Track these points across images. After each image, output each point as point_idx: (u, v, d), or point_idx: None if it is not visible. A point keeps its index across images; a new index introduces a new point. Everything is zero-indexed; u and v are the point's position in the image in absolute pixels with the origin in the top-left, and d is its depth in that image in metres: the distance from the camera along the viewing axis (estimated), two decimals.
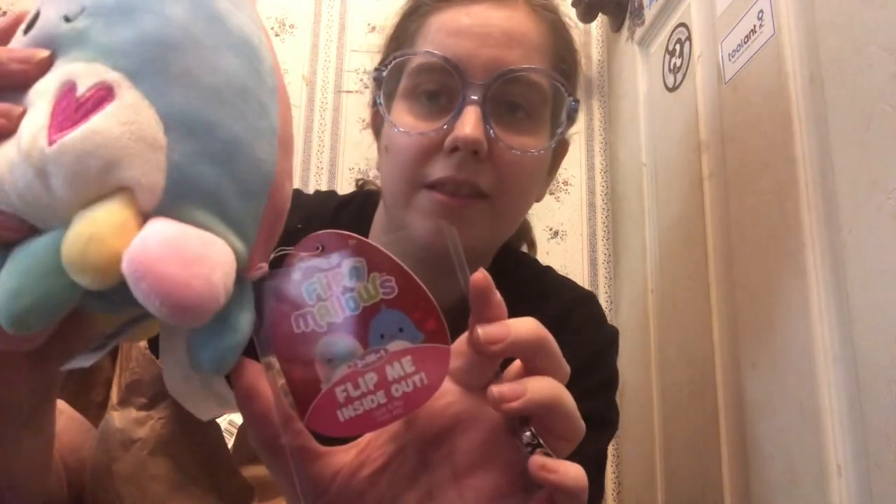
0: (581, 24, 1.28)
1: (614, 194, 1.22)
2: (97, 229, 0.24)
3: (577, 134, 1.29)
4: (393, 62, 0.59)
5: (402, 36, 0.62)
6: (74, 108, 0.25)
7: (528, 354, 0.31)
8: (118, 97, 0.25)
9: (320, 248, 0.30)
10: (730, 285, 0.76)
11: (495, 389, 0.30)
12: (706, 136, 0.84)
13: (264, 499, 0.48)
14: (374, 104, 0.62)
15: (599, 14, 1.21)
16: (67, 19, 0.27)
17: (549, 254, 1.21)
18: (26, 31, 0.28)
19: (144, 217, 0.25)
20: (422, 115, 0.57)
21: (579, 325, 0.68)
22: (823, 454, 0.58)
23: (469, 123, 0.53)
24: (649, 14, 1.05)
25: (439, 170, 0.55)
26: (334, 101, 1.26)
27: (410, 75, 0.58)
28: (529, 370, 0.32)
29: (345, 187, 1.17)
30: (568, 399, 0.31)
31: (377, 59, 0.67)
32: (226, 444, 0.48)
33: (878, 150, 0.54)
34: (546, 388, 0.31)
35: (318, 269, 0.29)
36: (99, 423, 0.49)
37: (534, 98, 0.58)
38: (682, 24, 0.94)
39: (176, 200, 0.25)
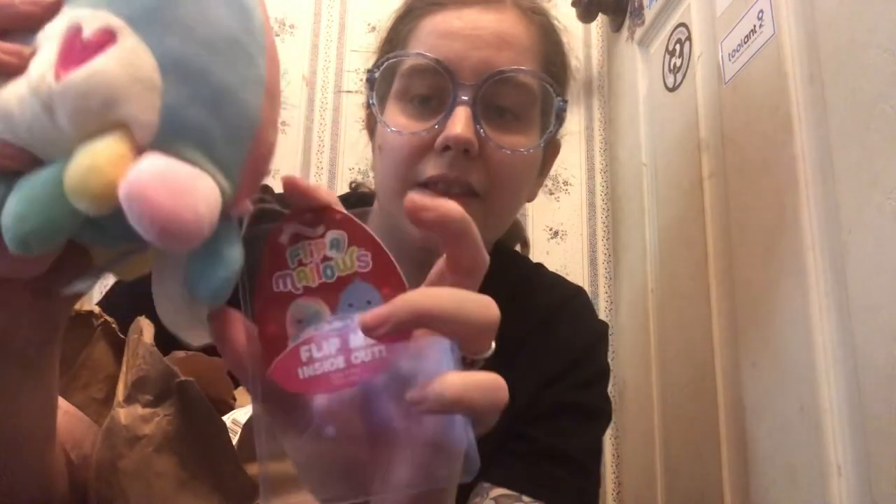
0: (580, 24, 1.28)
1: (614, 194, 1.22)
2: (96, 160, 0.26)
3: (577, 134, 1.29)
4: (385, 63, 0.60)
5: (394, 38, 0.64)
6: (80, 48, 0.27)
7: (450, 234, 0.32)
8: (120, 41, 0.27)
9: (309, 217, 0.32)
10: (730, 285, 0.76)
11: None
12: (706, 136, 0.84)
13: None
14: (368, 105, 0.63)
15: (599, 14, 1.21)
16: None
17: (549, 254, 1.21)
18: None
19: (139, 152, 0.27)
20: (414, 115, 0.58)
21: (571, 319, 0.70)
22: (823, 454, 0.58)
23: (460, 123, 0.55)
24: (649, 14, 1.05)
25: (431, 168, 0.57)
26: (334, 101, 1.26)
27: (402, 77, 0.60)
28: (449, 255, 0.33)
29: (345, 187, 1.17)
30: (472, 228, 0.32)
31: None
32: (231, 442, 0.49)
33: (878, 150, 0.55)
34: (457, 208, 0.32)
35: (303, 237, 0.32)
36: (99, 420, 0.49)
37: (523, 99, 0.59)
38: (682, 24, 0.94)
39: (168, 138, 0.28)
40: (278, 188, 0.36)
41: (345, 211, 0.32)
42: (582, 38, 1.34)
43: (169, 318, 0.32)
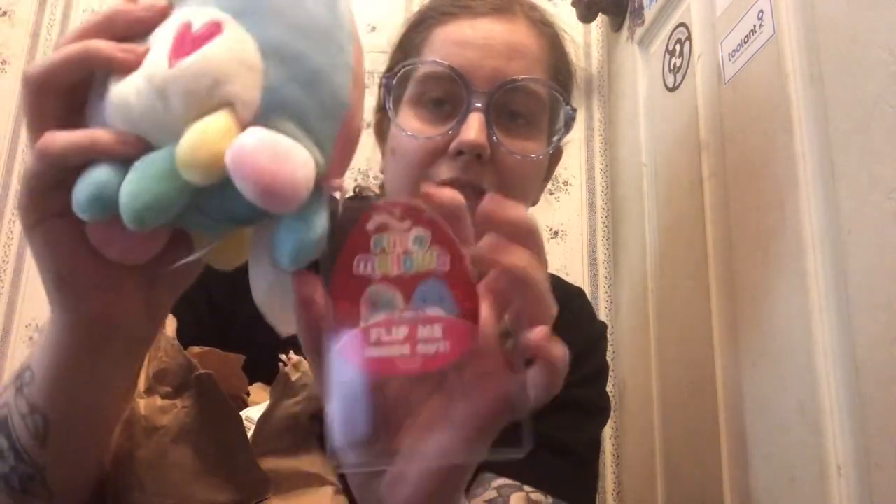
0: (580, 24, 1.28)
1: (614, 194, 1.22)
2: (205, 133, 0.30)
3: (577, 134, 1.29)
4: (402, 70, 0.62)
5: (407, 46, 0.66)
6: (190, 40, 0.31)
7: (518, 236, 0.34)
8: (225, 31, 0.31)
9: (398, 211, 0.34)
10: (730, 285, 0.76)
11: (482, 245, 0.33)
12: (706, 136, 0.84)
13: (279, 491, 0.49)
14: (380, 109, 0.66)
15: (599, 14, 1.21)
16: None
17: (549, 254, 1.20)
18: None
19: (243, 127, 0.30)
20: (428, 119, 0.61)
21: (573, 318, 0.72)
22: (823, 454, 0.58)
23: (474, 129, 0.57)
24: (649, 14, 1.05)
25: (445, 171, 0.59)
26: None
27: (417, 83, 0.62)
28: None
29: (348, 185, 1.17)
30: (541, 278, 0.34)
31: (378, 59, 0.70)
32: (246, 436, 0.50)
33: (878, 150, 0.55)
34: (524, 258, 0.33)
35: (390, 227, 0.34)
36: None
37: (533, 106, 0.62)
38: (682, 24, 0.94)
39: (269, 114, 0.31)
40: None
41: (433, 213, 0.34)
42: (582, 38, 1.34)
43: (262, 299, 0.35)
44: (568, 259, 1.21)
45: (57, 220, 0.33)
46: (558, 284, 0.76)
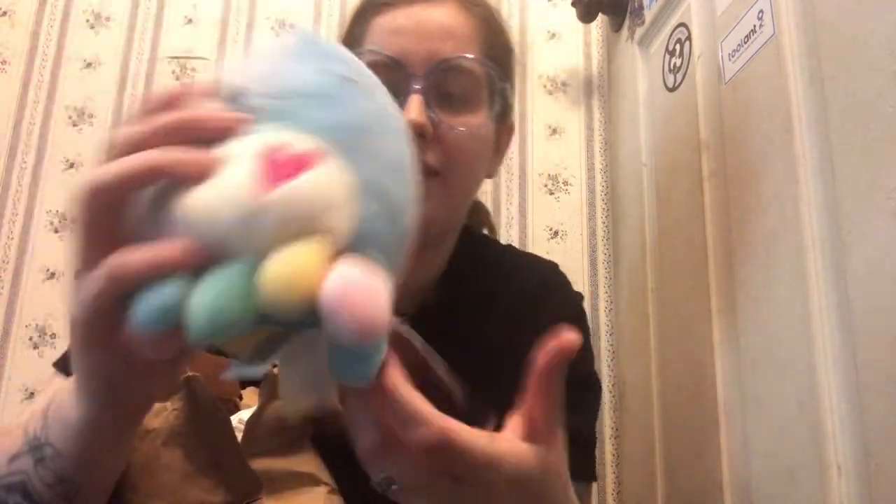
0: (580, 24, 1.28)
1: (614, 194, 1.22)
2: (300, 266, 0.29)
3: (577, 134, 1.29)
4: None
5: (351, 40, 0.70)
6: (287, 164, 0.31)
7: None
8: (327, 161, 0.32)
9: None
10: (730, 285, 0.76)
11: None
12: (706, 136, 0.84)
13: (273, 492, 0.49)
14: None
15: (599, 14, 1.21)
16: (269, 97, 0.33)
17: (549, 254, 1.20)
18: (223, 99, 0.34)
19: (334, 255, 0.31)
20: None
21: (557, 290, 0.76)
22: (823, 454, 0.58)
23: (413, 110, 0.60)
24: (649, 14, 1.05)
25: None
26: None
27: None
28: None
29: None
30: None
31: None
32: (236, 438, 0.50)
33: (878, 150, 0.55)
34: None
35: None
36: None
37: (469, 83, 0.65)
38: (682, 24, 0.94)
39: (359, 245, 0.32)
40: None
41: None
42: (582, 38, 1.34)
43: (289, 394, 0.36)
44: (568, 259, 1.21)
45: (114, 332, 0.33)
46: (532, 264, 0.80)
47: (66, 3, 1.33)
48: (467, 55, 0.64)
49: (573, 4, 1.21)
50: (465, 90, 0.65)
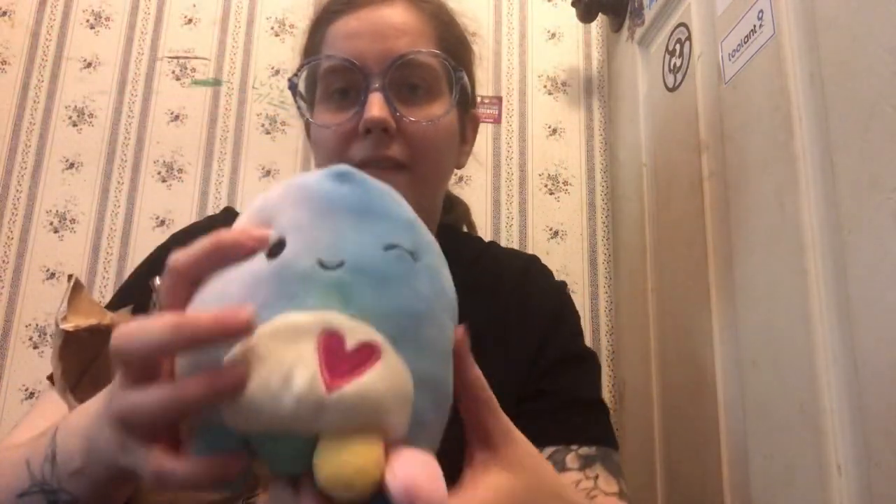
0: (580, 24, 1.28)
1: (614, 194, 1.22)
2: (362, 463, 0.30)
3: (577, 134, 1.29)
4: (302, 69, 0.70)
5: (310, 48, 0.73)
6: (346, 359, 0.31)
7: None
8: (383, 358, 0.31)
9: None
10: (730, 285, 0.76)
11: None
12: (706, 136, 0.84)
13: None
14: (298, 109, 0.73)
15: (599, 14, 1.21)
16: (324, 265, 0.32)
17: (549, 254, 1.21)
18: (270, 254, 0.33)
19: (388, 446, 0.32)
20: (337, 109, 0.67)
21: (538, 279, 0.77)
22: (823, 454, 0.58)
23: (374, 107, 0.62)
24: (649, 14, 1.05)
25: (359, 151, 0.64)
26: None
27: (322, 80, 0.68)
28: None
29: None
30: None
31: None
32: None
33: (878, 150, 0.54)
34: None
35: None
36: None
37: (426, 76, 0.67)
38: (682, 24, 0.94)
39: (411, 435, 0.33)
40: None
41: None
42: (582, 38, 1.34)
43: None
44: (568, 259, 1.21)
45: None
46: (514, 255, 0.82)
47: (66, 3, 1.33)
48: (421, 49, 0.66)
49: (573, 4, 1.21)
50: (423, 83, 0.67)
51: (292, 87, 0.70)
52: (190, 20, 1.33)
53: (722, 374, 0.76)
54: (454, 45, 0.72)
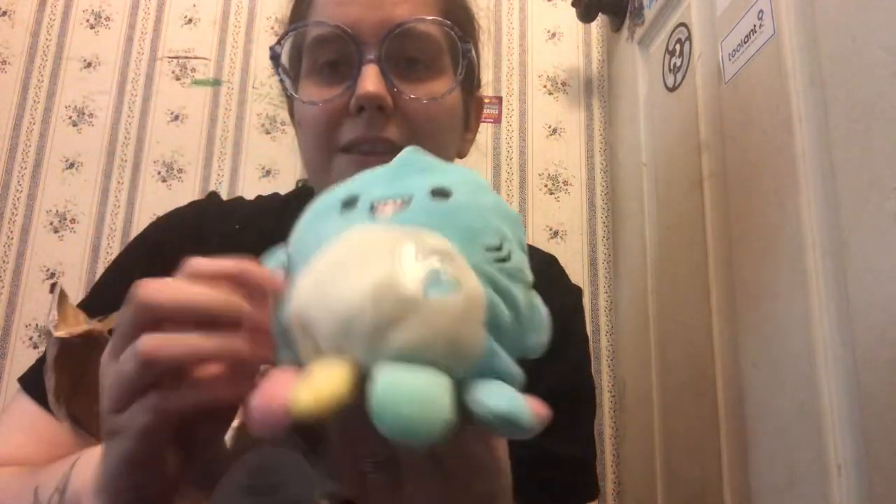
0: (580, 24, 1.28)
1: (614, 194, 1.22)
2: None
3: (577, 134, 1.29)
4: (287, 36, 0.60)
5: (296, 17, 0.63)
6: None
7: None
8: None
9: None
10: (730, 285, 0.76)
11: None
12: (706, 135, 0.84)
13: None
14: (281, 83, 0.63)
15: (599, 14, 1.21)
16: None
17: None
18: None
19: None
20: (325, 84, 0.58)
21: (556, 279, 0.73)
22: (823, 454, 0.58)
23: (369, 81, 0.54)
24: (649, 14, 1.05)
25: (349, 131, 0.56)
26: None
27: (309, 51, 0.59)
28: None
29: None
30: None
31: None
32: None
33: (878, 150, 0.54)
34: None
35: None
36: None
37: (428, 48, 0.58)
38: (682, 24, 0.94)
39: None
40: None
41: None
42: (582, 38, 1.34)
43: None
44: (568, 259, 1.21)
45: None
46: (533, 250, 0.77)
47: (66, 3, 1.33)
48: (422, 17, 0.57)
49: (573, 4, 1.21)
50: (425, 55, 0.58)
51: (274, 56, 0.60)
52: (190, 20, 1.33)
53: (722, 374, 0.76)
54: (460, 16, 0.63)
